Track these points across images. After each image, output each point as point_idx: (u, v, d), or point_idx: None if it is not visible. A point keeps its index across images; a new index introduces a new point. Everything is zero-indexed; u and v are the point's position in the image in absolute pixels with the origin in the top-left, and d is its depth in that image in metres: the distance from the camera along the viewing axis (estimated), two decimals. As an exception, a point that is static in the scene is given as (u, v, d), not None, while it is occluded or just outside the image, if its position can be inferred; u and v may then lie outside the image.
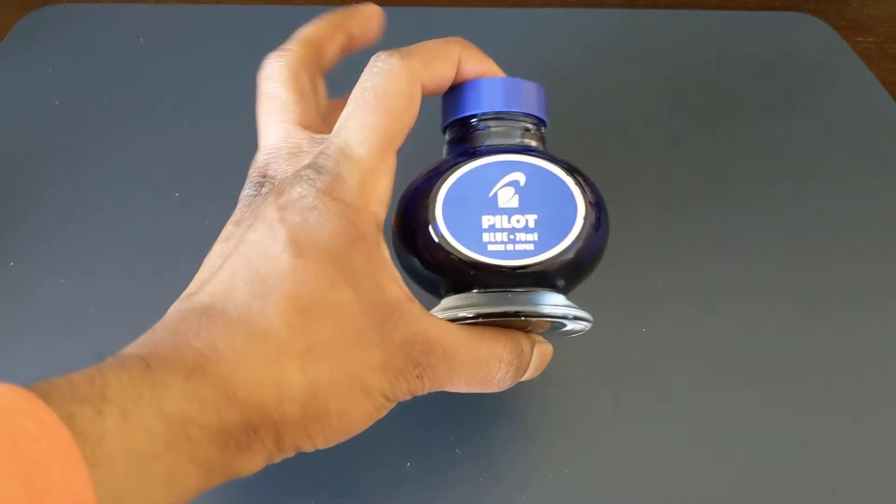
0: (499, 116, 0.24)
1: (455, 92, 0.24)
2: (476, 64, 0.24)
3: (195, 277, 0.22)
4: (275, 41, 0.55)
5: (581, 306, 0.23)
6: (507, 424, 0.31)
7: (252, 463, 0.19)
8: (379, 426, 0.30)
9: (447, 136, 0.25)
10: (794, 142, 0.44)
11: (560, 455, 0.30)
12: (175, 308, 0.20)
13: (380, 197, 0.21)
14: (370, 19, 0.26)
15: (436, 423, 0.30)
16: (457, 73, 0.24)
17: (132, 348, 0.19)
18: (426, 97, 0.23)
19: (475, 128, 0.24)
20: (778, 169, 0.42)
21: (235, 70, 0.47)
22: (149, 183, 0.40)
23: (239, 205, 0.23)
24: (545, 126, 0.25)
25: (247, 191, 0.23)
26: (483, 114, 0.24)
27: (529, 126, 0.24)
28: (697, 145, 0.43)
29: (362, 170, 0.21)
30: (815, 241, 0.38)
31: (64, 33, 0.50)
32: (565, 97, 0.46)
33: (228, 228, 0.23)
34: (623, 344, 0.33)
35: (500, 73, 0.25)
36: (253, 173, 0.23)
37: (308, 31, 0.25)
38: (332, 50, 0.25)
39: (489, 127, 0.24)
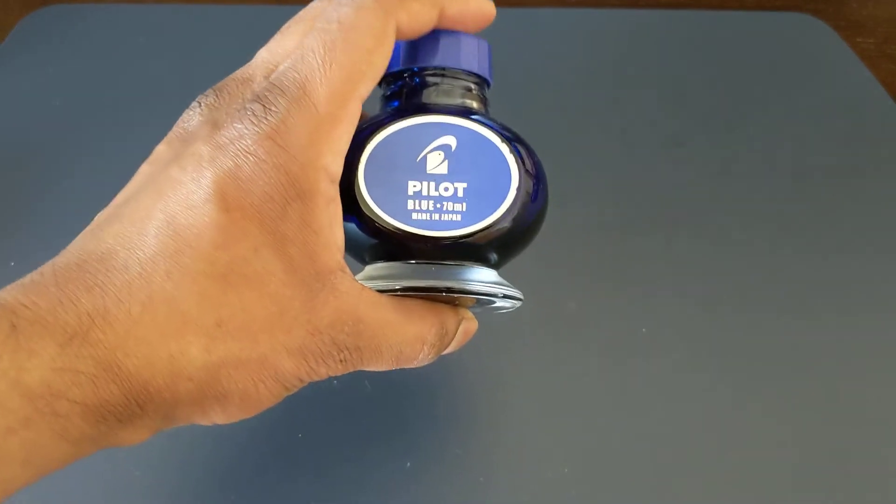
0: (436, 73, 0.22)
1: (396, 43, 0.22)
2: (461, 5, 0.21)
3: (122, 191, 0.20)
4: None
5: (511, 284, 0.22)
6: (508, 424, 0.31)
7: (134, 436, 0.17)
8: (379, 426, 0.31)
9: (383, 90, 0.23)
10: (793, 141, 0.44)
11: (560, 455, 0.30)
12: (79, 242, 0.18)
13: (334, 147, 0.18)
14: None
15: (436, 423, 0.30)
16: (442, 17, 0.21)
17: (12, 292, 0.16)
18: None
19: (411, 84, 0.22)
20: (778, 169, 0.42)
21: (235, 70, 0.47)
22: (149, 183, 0.39)
23: (182, 115, 0.20)
24: (489, 86, 0.23)
25: (196, 100, 0.20)
26: (419, 69, 0.22)
27: (471, 85, 0.22)
28: (697, 145, 0.43)
29: (318, 114, 0.17)
30: (814, 241, 0.38)
31: (64, 33, 0.50)
32: (565, 97, 0.46)
33: (161, 148, 0.20)
34: (623, 344, 0.33)
35: (487, 6, 0.22)
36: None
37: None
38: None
39: (426, 84, 0.22)
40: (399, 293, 0.20)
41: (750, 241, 0.38)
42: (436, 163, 0.20)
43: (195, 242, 0.17)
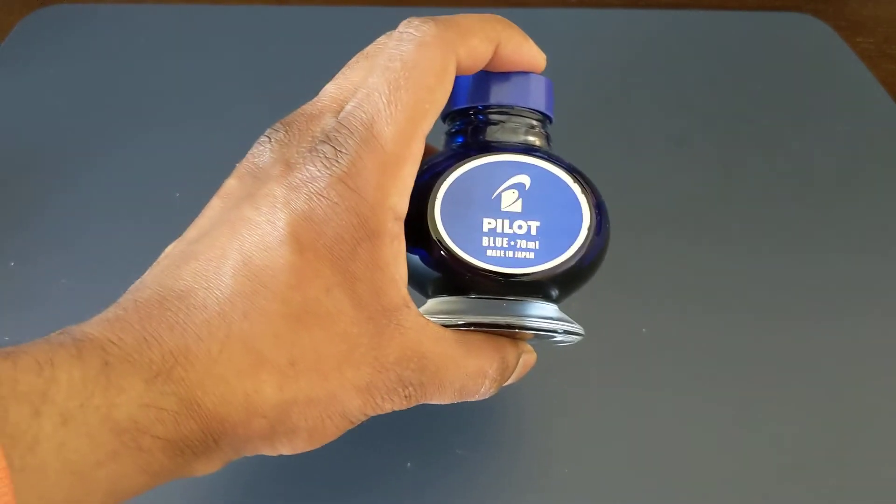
0: (504, 111, 0.22)
1: (460, 81, 0.22)
2: (515, 47, 0.21)
3: (193, 225, 0.20)
4: (275, 41, 0.55)
5: (573, 320, 0.22)
6: (508, 425, 0.31)
7: (207, 467, 0.18)
8: (379, 426, 0.31)
9: (448, 127, 0.24)
10: (793, 142, 0.44)
11: (560, 455, 0.30)
12: (157, 277, 0.18)
13: (400, 187, 0.18)
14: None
15: (437, 423, 0.30)
16: (494, 54, 0.21)
17: (98, 328, 0.17)
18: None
19: (479, 121, 0.23)
20: (778, 168, 0.42)
21: (235, 70, 0.47)
22: (149, 183, 0.40)
23: (252, 150, 0.21)
24: (551, 122, 0.24)
25: (265, 134, 0.21)
26: (487, 106, 0.22)
27: (534, 123, 0.23)
28: (698, 145, 0.43)
29: (385, 155, 0.18)
30: (814, 241, 0.38)
31: (64, 33, 0.50)
32: (566, 97, 0.46)
33: (232, 182, 0.20)
34: (623, 344, 0.33)
35: (540, 58, 0.22)
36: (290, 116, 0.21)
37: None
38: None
39: (494, 121, 0.22)
40: (462, 328, 0.20)
41: (750, 240, 0.38)
42: (510, 201, 0.21)
43: (270, 283, 0.17)
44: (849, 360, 0.33)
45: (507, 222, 0.20)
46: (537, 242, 0.20)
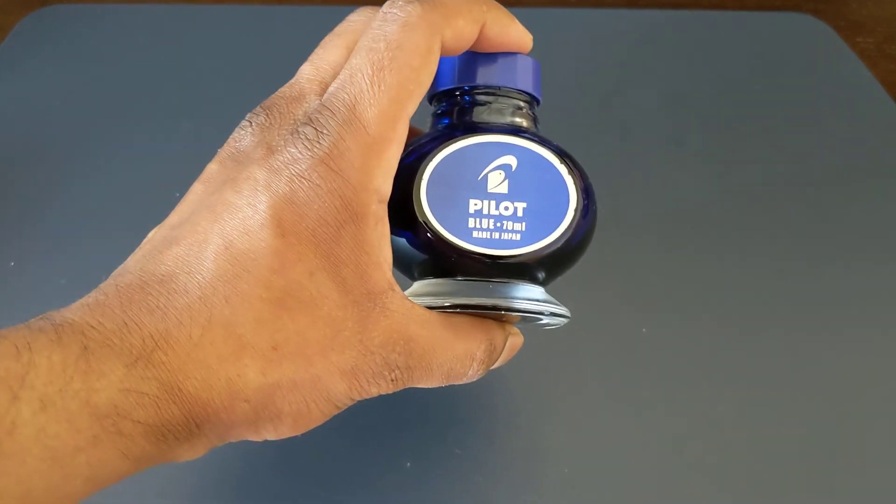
0: (491, 92, 0.22)
1: (446, 62, 0.22)
2: (502, 28, 0.21)
3: (175, 210, 0.20)
4: (274, 41, 0.55)
5: (559, 302, 0.22)
6: (507, 424, 0.31)
7: (190, 453, 0.18)
8: (378, 426, 0.31)
9: (434, 108, 0.24)
10: (793, 141, 0.44)
11: (560, 455, 0.30)
12: (139, 262, 0.18)
13: (385, 169, 0.18)
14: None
15: (435, 423, 0.30)
16: (480, 35, 0.20)
17: (78, 312, 0.17)
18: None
19: (465, 102, 0.22)
20: (777, 169, 0.42)
21: (235, 70, 0.47)
22: (149, 183, 0.40)
23: (233, 134, 0.21)
24: (538, 104, 0.24)
25: (246, 118, 0.21)
26: (474, 87, 0.22)
27: (522, 104, 0.23)
28: (697, 145, 0.43)
29: (368, 137, 0.18)
30: (813, 241, 0.38)
31: (64, 33, 0.50)
32: (565, 97, 0.46)
33: (213, 167, 0.20)
34: (623, 344, 0.33)
35: (527, 38, 0.22)
36: (269, 100, 0.21)
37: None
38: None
39: (480, 102, 0.22)
40: (448, 310, 0.20)
41: (749, 240, 0.38)
42: (496, 182, 0.20)
43: (252, 267, 0.17)
44: (849, 359, 0.33)
45: (493, 203, 0.20)
46: (524, 224, 0.20)
